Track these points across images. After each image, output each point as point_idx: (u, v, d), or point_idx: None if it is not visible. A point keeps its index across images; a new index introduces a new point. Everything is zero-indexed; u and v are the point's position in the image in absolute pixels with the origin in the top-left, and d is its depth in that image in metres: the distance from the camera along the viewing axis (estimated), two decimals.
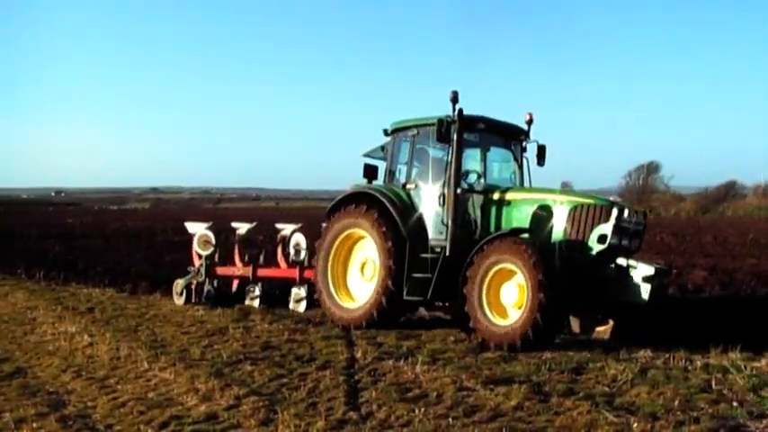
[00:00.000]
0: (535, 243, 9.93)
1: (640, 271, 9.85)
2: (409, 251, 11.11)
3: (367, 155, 12.98)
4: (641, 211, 11.09)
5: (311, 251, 13.56)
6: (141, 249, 25.85)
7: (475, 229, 11.24)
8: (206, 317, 12.71)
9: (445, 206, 11.00)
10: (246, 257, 14.67)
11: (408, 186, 11.76)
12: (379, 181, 12.54)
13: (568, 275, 9.69)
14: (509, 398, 7.41)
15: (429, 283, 10.80)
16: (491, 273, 10.01)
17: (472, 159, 12.08)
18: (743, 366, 8.57)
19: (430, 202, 11.43)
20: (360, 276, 12.10)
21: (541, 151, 12.35)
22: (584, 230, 10.33)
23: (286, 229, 14.66)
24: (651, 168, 74.18)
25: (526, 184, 12.19)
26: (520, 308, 9.74)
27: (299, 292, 13.38)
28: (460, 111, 10.96)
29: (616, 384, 8.02)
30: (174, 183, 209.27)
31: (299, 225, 14.76)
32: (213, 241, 14.45)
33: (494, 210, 11.19)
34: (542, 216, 10.77)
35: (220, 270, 14.51)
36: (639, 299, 9.78)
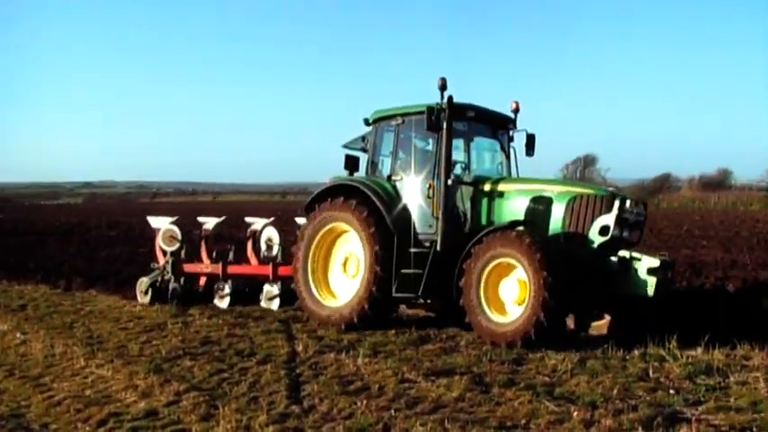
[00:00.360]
0: (538, 237, 9.58)
1: (645, 263, 9.70)
2: (397, 246, 10.66)
3: (346, 146, 12.45)
4: (641, 201, 10.75)
5: (285, 246, 13.29)
6: (75, 245, 25.33)
7: (464, 222, 10.86)
8: (144, 312, 12.54)
9: (434, 198, 10.61)
10: (214, 254, 14.02)
11: (394, 178, 11.29)
12: (361, 172, 12.10)
13: (570, 269, 9.37)
14: (450, 389, 7.50)
15: (419, 279, 10.41)
16: (489, 268, 9.70)
17: (456, 149, 11.46)
18: (679, 355, 8.78)
19: (417, 194, 11.02)
20: (342, 272, 11.58)
21: (531, 140, 11.95)
22: (585, 222, 10.04)
23: (256, 223, 14.11)
24: (588, 161, 75.24)
25: (514, 174, 11.84)
26: (520, 304, 9.51)
27: (271, 289, 12.85)
28: (450, 98, 10.49)
29: (556, 374, 8.17)
30: (108, 177, 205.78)
31: (272, 219, 14.23)
32: (179, 237, 13.59)
33: (485, 202, 10.83)
34: (539, 208, 10.43)
35: (188, 267, 13.76)
36: (645, 292, 9.60)
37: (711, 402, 7.10)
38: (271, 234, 13.71)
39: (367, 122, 11.95)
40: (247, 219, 14.59)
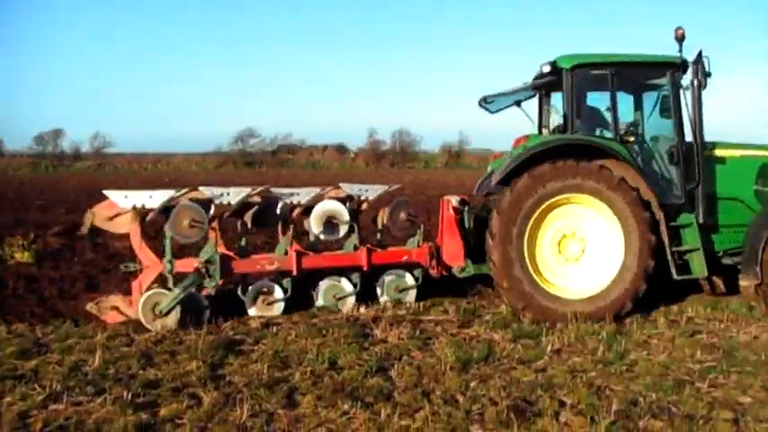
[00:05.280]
0: None
1: None
2: (666, 221, 9.01)
3: (491, 98, 9.96)
4: None
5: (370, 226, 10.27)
6: None
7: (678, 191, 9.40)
8: None
9: (683, 163, 9.16)
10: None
11: (628, 139, 9.34)
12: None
13: None
14: None
15: (694, 256, 9.02)
16: None
17: (626, 107, 10.04)
18: None
19: (654, 158, 9.56)
20: (556, 255, 9.01)
21: None
22: None
23: (295, 194, 9.67)
24: None
25: None
26: None
27: (341, 285, 9.41)
28: (701, 51, 8.93)
29: None
30: None
31: (327, 188, 9.96)
32: (206, 219, 8.75)
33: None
34: None
35: (241, 265, 9.08)
36: None
37: None
38: (334, 208, 9.56)
39: (553, 67, 9.40)
40: (273, 189, 9.88)
